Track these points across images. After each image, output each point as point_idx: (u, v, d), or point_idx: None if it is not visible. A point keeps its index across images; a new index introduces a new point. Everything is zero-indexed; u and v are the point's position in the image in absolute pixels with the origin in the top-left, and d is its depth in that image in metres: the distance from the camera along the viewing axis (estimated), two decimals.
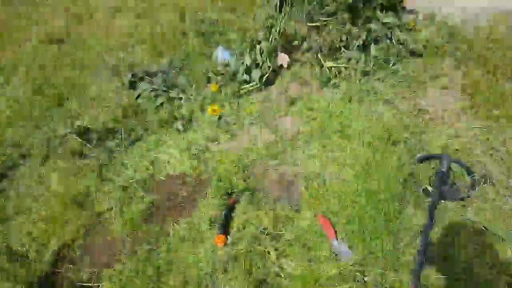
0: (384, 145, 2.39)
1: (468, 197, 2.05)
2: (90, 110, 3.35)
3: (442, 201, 2.02)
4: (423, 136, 2.46)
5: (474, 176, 2.13)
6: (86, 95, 3.60)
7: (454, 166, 2.19)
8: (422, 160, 2.28)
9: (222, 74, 3.54)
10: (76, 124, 3.02)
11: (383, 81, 2.99)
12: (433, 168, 2.26)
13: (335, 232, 1.98)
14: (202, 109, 3.15)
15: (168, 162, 2.65)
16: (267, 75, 3.30)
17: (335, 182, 2.26)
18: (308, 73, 3.29)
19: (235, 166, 2.47)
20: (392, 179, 2.16)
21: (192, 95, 3.35)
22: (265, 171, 2.46)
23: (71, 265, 2.11)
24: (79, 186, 2.53)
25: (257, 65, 3.36)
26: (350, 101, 2.83)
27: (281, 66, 3.44)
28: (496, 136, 2.40)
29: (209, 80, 3.65)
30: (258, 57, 3.33)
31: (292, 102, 3.02)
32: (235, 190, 2.32)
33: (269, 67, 3.30)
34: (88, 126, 3.05)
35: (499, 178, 2.12)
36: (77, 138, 2.89)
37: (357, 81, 2.91)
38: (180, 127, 2.95)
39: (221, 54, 3.75)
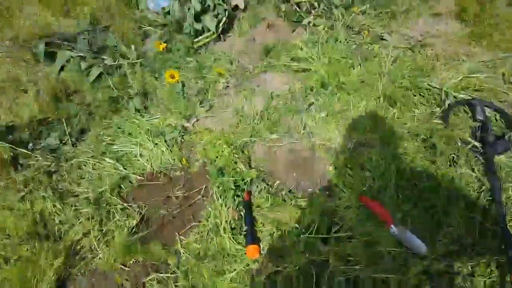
0: (406, 96, 2.07)
1: None
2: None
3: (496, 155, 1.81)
4: (439, 76, 2.16)
5: None
6: None
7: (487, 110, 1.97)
8: (452, 108, 2.01)
9: (164, 25, 2.87)
10: None
11: (365, 13, 2.59)
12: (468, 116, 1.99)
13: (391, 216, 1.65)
14: (156, 76, 2.54)
15: (141, 155, 2.10)
16: (224, 20, 2.72)
17: (365, 151, 1.89)
18: (272, 13, 2.78)
19: (231, 148, 2.00)
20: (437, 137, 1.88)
21: (132, 59, 2.68)
22: (269, 149, 2.03)
23: None
24: (31, 211, 1.92)
25: (205, 10, 2.75)
26: (336, 42, 2.41)
27: (236, 6, 2.87)
28: (509, 68, 2.19)
29: (145, 36, 2.96)
30: None
31: (268, 52, 2.52)
32: (246, 180, 1.86)
33: (225, 10, 2.71)
34: (11, 123, 2.31)
35: None
36: (2, 143, 2.16)
37: (338, 17, 2.48)
38: (139, 106, 2.34)
39: None
